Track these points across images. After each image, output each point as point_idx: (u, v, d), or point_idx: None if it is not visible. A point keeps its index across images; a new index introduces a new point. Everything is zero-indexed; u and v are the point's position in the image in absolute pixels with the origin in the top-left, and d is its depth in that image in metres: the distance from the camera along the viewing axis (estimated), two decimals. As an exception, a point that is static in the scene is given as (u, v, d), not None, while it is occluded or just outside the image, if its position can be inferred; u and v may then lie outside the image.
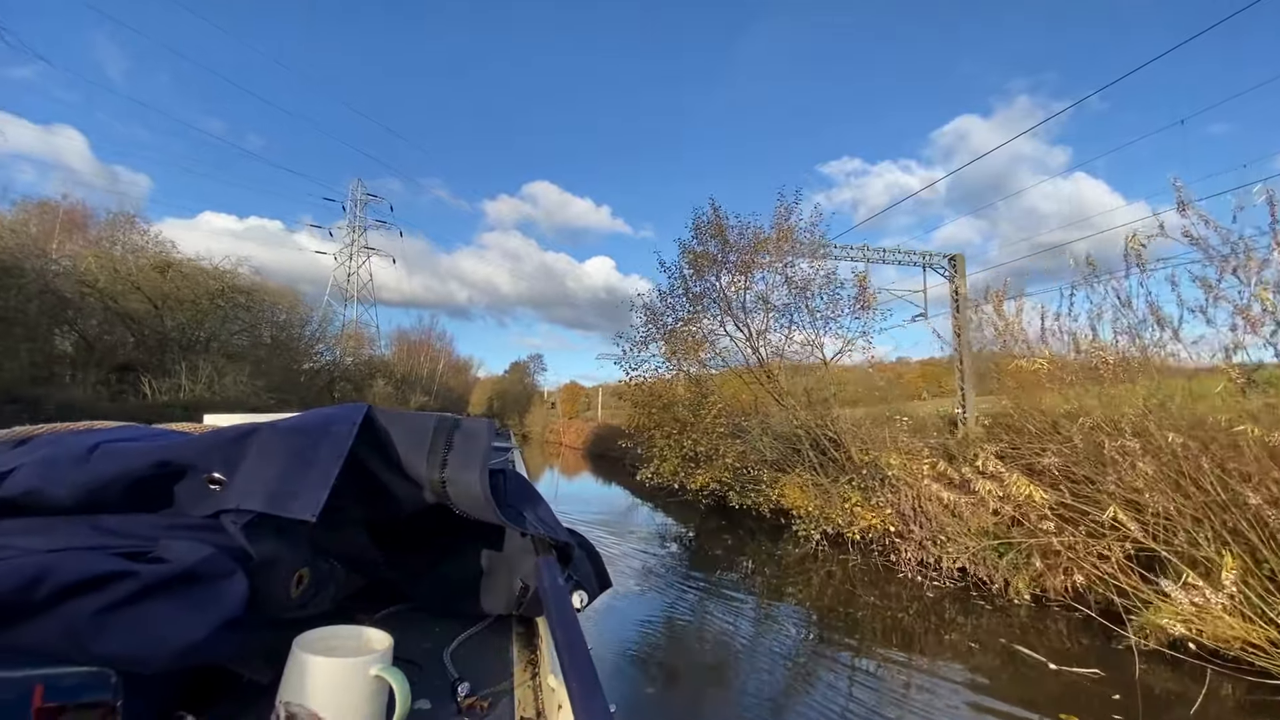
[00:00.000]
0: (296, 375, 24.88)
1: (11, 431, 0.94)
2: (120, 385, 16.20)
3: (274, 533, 0.77)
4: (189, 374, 17.35)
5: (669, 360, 13.86)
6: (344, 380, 29.13)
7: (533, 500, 1.05)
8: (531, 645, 1.04)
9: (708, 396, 12.92)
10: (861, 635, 6.08)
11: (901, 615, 6.59)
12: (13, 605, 0.59)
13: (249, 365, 19.59)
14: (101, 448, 0.80)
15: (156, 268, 18.84)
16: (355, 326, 38.33)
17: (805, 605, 7.20)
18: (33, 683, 0.55)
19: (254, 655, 0.73)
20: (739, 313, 13.04)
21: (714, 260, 13.03)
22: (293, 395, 20.80)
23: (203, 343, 19.31)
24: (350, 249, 43.03)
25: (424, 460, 0.89)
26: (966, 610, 6.61)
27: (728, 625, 6.50)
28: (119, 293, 16.92)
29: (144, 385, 16.15)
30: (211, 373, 17.82)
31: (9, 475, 0.74)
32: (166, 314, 18.28)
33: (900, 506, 8.07)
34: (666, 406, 13.71)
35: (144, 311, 17.69)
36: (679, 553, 10.20)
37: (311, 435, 0.83)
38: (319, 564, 0.91)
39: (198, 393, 16.90)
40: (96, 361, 16.19)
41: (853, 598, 7.23)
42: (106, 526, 0.71)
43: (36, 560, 0.62)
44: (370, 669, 0.68)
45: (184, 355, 17.59)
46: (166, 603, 0.63)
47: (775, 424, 11.60)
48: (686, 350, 13.35)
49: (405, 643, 0.75)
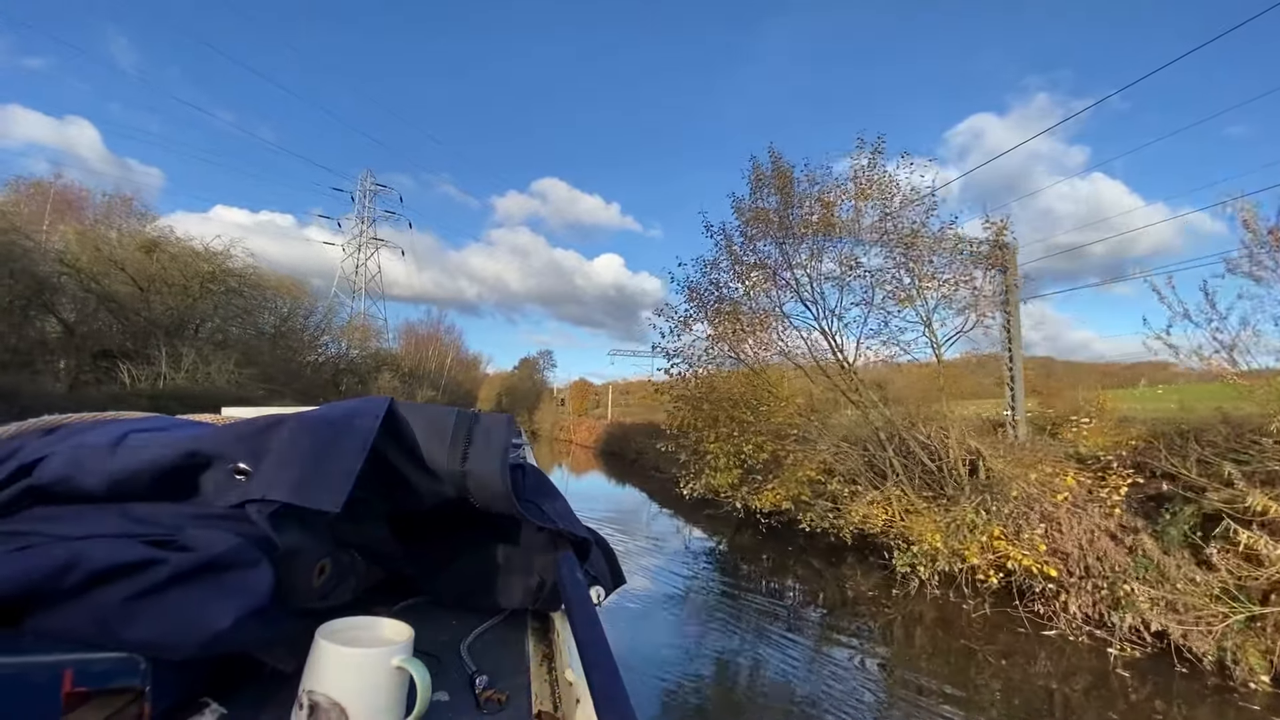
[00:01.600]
0: (297, 366, 24.05)
1: (41, 420, 0.95)
2: (97, 373, 14.98)
3: (298, 523, 0.78)
4: (170, 361, 15.79)
5: (717, 344, 11.22)
6: (349, 373, 28.51)
7: (551, 495, 1.05)
8: (547, 640, 1.05)
9: (775, 391, 10.53)
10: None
11: (1066, 691, 4.79)
12: (44, 591, 0.60)
13: (236, 353, 17.97)
14: (130, 437, 0.82)
15: (142, 247, 17.51)
16: (363, 319, 37.98)
17: (923, 669, 5.37)
18: (63, 668, 0.56)
19: (278, 644, 0.73)
20: (805, 285, 10.18)
21: (775, 221, 10.24)
22: (288, 387, 19.45)
23: (192, 329, 17.94)
24: (359, 240, 42.88)
25: (445, 453, 0.90)
26: (1165, 691, 4.61)
27: (819, 688, 4.98)
28: (101, 274, 15.69)
29: (122, 373, 14.74)
30: (195, 360, 16.30)
31: (40, 463, 0.75)
32: (154, 297, 16.99)
33: (1061, 543, 6.31)
34: (726, 403, 10.92)
35: (129, 294, 16.41)
36: (732, 581, 8.59)
37: (335, 427, 0.84)
38: (340, 555, 0.92)
39: (179, 382, 15.48)
40: (76, 347, 14.88)
41: (996, 667, 5.29)
42: (135, 515, 0.72)
43: (68, 547, 0.63)
44: (392, 660, 0.69)
45: (167, 341, 15.97)
46: (194, 590, 0.64)
47: (849, 427, 9.75)
48: (745, 331, 10.63)
49: (423, 635, 0.75)
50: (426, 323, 48.91)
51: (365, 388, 27.68)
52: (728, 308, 11.04)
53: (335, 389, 25.80)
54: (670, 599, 7.54)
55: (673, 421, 12.23)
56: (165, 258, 17.60)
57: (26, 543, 0.65)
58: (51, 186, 20.86)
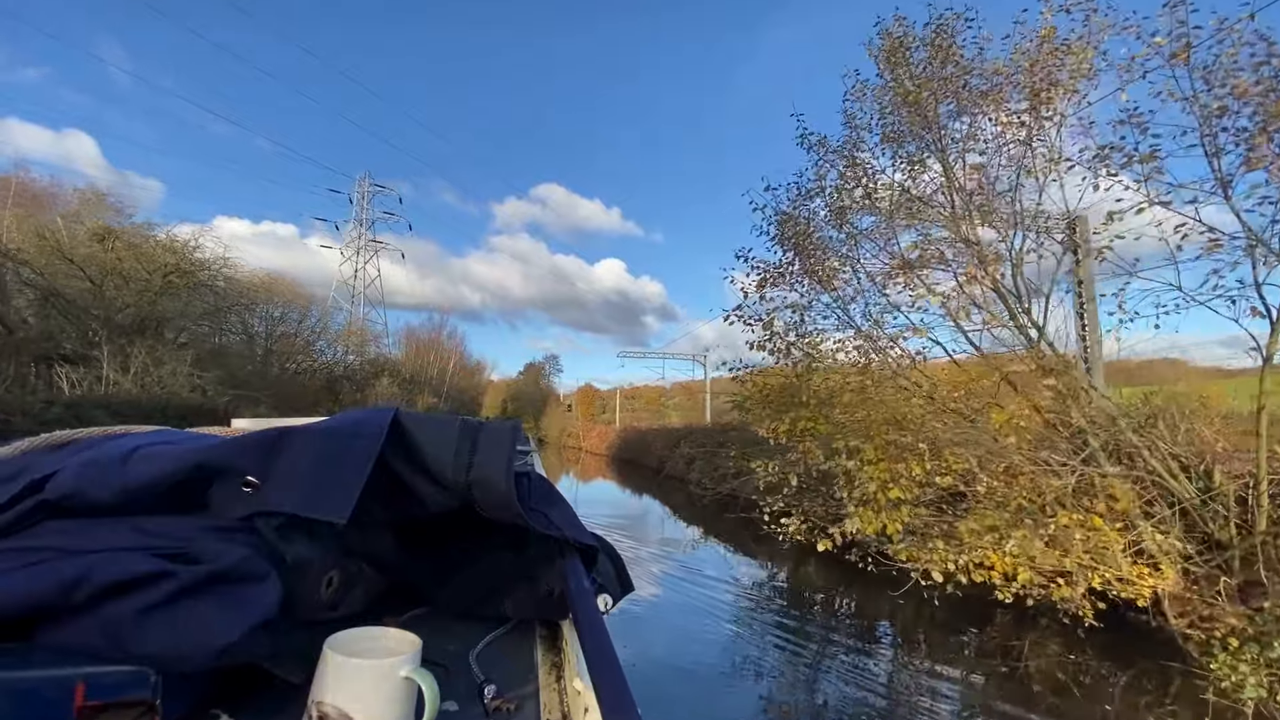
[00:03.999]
0: (279, 371, 22.37)
1: (51, 436, 0.97)
2: (20, 380, 12.79)
3: (305, 535, 0.79)
4: (115, 363, 13.47)
5: (831, 309, 7.52)
6: (346, 379, 27.34)
7: (556, 503, 1.05)
8: (555, 648, 1.05)
9: (969, 385, 6.61)
10: None
11: None
12: (56, 605, 0.61)
13: (195, 354, 15.81)
14: (140, 451, 0.82)
15: (95, 235, 15.44)
16: (361, 323, 36.74)
17: None
18: (75, 681, 0.57)
19: (287, 655, 0.74)
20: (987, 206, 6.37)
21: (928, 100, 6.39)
22: (264, 394, 17.61)
23: (152, 328, 15.65)
24: (357, 243, 42.02)
25: (450, 462, 0.90)
26: None
27: None
28: (45, 267, 13.97)
29: (58, 378, 12.87)
30: (146, 362, 14.05)
31: (52, 478, 0.76)
32: (112, 293, 14.98)
33: None
34: (882, 406, 6.72)
35: (81, 290, 14.45)
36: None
37: (341, 439, 0.84)
38: (348, 566, 0.92)
39: (126, 387, 13.46)
40: (16, 349, 12.88)
41: None
42: (145, 528, 0.73)
43: (79, 561, 0.64)
44: (400, 670, 0.69)
45: (111, 340, 13.77)
46: (204, 603, 0.64)
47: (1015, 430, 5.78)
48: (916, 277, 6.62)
49: (430, 645, 0.76)
50: (427, 327, 48.04)
51: (362, 394, 26.69)
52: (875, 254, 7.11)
53: (330, 396, 24.74)
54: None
55: (770, 427, 7.94)
56: (122, 248, 15.54)
57: (39, 558, 0.66)
58: (13, 179, 18.68)
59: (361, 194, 43.01)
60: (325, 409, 22.51)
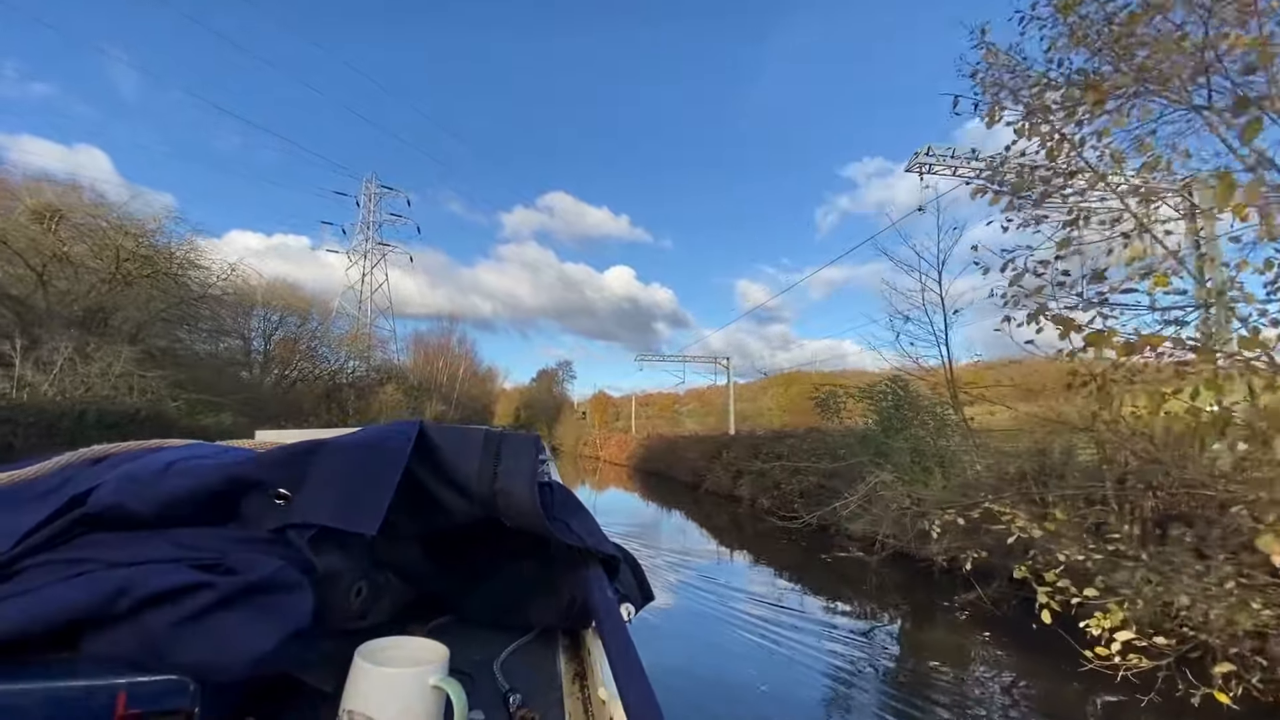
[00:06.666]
0: (275, 379, 21.00)
1: (89, 450, 1.00)
2: None
3: (336, 546, 0.80)
4: (30, 360, 11.26)
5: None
6: (349, 386, 26.30)
7: (578, 512, 1.06)
8: (578, 657, 1.05)
9: None
10: None
11: None
12: (99, 616, 0.63)
13: (138, 349, 13.26)
14: (176, 465, 0.85)
15: (35, 216, 13.42)
16: (367, 329, 35.46)
17: None
18: (116, 690, 0.58)
19: (318, 664, 0.75)
20: None
21: None
22: (230, 398, 15.42)
23: (100, 321, 13.52)
24: (364, 246, 40.57)
25: (475, 473, 0.92)
26: None
27: None
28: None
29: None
30: (73, 357, 11.81)
31: (93, 491, 0.79)
32: (59, 282, 13.10)
33: None
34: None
35: (19, 277, 12.53)
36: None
37: (369, 451, 0.86)
38: (376, 576, 0.94)
39: (43, 389, 11.23)
40: None
41: None
42: (182, 540, 0.75)
43: (120, 573, 0.66)
44: (429, 679, 0.70)
45: (24, 331, 11.49)
46: (240, 613, 0.66)
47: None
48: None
49: (456, 654, 0.77)
50: (436, 333, 46.85)
51: (365, 402, 25.78)
52: None
53: (329, 403, 23.65)
54: None
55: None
56: (67, 229, 13.65)
57: (81, 569, 0.68)
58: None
59: (369, 196, 41.68)
60: (322, 419, 22.06)
